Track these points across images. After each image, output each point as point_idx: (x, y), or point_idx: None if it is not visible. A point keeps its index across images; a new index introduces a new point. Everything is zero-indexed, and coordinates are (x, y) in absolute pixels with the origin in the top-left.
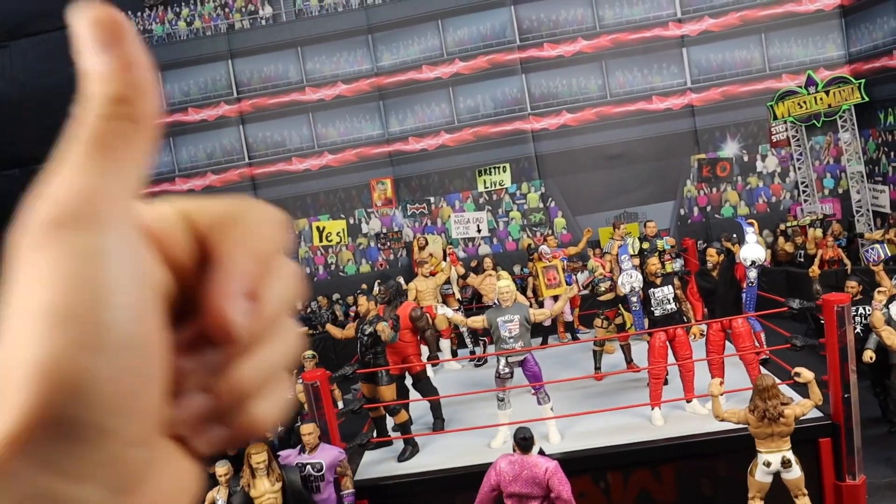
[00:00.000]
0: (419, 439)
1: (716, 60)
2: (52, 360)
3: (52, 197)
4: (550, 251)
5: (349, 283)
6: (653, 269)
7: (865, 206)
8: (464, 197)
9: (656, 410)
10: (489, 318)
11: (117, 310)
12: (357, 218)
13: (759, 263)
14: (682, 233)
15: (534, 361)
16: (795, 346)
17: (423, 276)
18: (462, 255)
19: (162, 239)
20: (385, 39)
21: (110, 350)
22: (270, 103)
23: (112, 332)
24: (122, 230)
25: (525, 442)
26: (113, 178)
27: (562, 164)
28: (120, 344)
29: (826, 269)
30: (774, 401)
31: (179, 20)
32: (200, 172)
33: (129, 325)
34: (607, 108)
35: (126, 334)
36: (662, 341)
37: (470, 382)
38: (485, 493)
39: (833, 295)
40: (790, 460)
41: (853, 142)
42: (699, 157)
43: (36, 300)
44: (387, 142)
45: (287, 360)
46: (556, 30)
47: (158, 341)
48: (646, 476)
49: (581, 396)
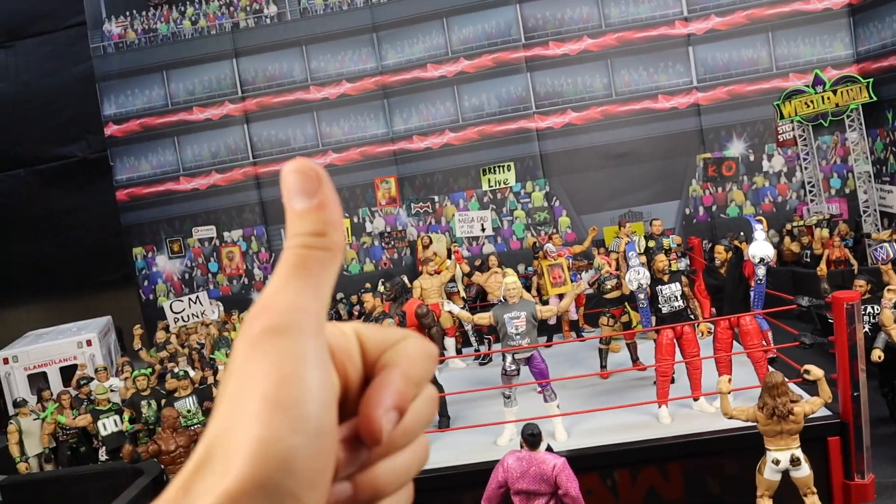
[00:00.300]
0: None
1: (722, 59)
2: (269, 439)
3: (268, 308)
4: (556, 249)
5: (353, 282)
6: (661, 266)
7: (873, 206)
8: (468, 196)
9: (663, 408)
10: (496, 314)
11: (315, 404)
12: (361, 217)
13: (768, 261)
14: (688, 232)
15: (540, 358)
16: (804, 344)
17: (427, 274)
18: (466, 255)
19: (337, 350)
20: (390, 38)
21: (310, 435)
22: (275, 102)
23: (311, 421)
24: (319, 340)
25: (533, 438)
26: (312, 296)
27: (566, 163)
28: (316, 431)
29: (832, 270)
30: (784, 398)
31: (184, 19)
32: (205, 171)
33: (322, 417)
34: (613, 106)
35: (319, 424)
36: (670, 339)
37: (475, 381)
38: (492, 489)
39: (843, 292)
40: (799, 458)
41: (860, 141)
42: (705, 157)
43: (258, 388)
44: (391, 140)
45: (416, 471)
46: (561, 28)
47: (335, 434)
48: (653, 474)
49: (587, 394)
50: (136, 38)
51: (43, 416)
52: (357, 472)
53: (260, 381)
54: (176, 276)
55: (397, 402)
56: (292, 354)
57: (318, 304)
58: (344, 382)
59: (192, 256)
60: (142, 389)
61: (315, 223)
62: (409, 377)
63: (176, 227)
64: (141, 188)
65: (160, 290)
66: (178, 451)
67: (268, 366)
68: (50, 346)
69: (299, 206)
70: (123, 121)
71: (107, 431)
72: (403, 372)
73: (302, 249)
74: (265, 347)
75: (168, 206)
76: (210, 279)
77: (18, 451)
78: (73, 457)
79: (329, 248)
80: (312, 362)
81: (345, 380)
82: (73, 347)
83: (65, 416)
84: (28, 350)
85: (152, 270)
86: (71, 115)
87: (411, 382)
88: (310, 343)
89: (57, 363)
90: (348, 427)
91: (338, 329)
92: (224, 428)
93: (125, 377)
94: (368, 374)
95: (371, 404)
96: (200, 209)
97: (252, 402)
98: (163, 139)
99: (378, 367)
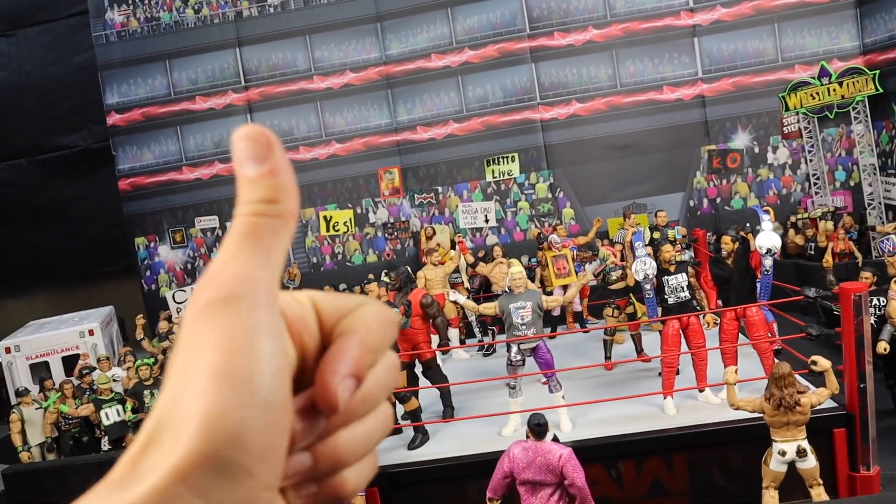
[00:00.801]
0: (429, 427)
1: (728, 50)
2: (217, 412)
3: (217, 278)
4: (560, 240)
5: (356, 273)
6: (667, 257)
7: (878, 198)
8: (472, 187)
9: (668, 399)
10: (501, 304)
11: (266, 376)
12: (364, 207)
13: (775, 252)
14: (692, 224)
15: (546, 348)
16: (810, 336)
17: (431, 264)
18: (469, 246)
19: (292, 319)
20: (394, 27)
21: (260, 407)
22: (278, 91)
23: (261, 393)
24: (271, 309)
25: (539, 428)
26: (264, 265)
27: (571, 154)
28: (267, 403)
29: (837, 262)
30: (791, 389)
31: (187, 8)
32: (207, 161)
33: (273, 389)
34: (617, 97)
35: (271, 396)
36: (676, 329)
37: (479, 371)
38: (498, 479)
39: (850, 284)
40: (805, 449)
41: (866, 134)
42: (709, 149)
43: (206, 360)
44: (395, 131)
45: (379, 439)
46: (566, 18)
47: (289, 405)
48: (658, 465)
49: (592, 385)
50: (139, 27)
51: (45, 406)
52: (316, 442)
53: (208, 352)
54: (178, 266)
55: (354, 369)
56: (242, 325)
57: (270, 273)
58: (301, 352)
59: (194, 246)
60: (144, 379)
61: (266, 189)
62: (367, 344)
63: (178, 216)
64: (143, 178)
65: (163, 279)
66: None
67: (216, 337)
68: (52, 336)
69: (250, 172)
70: (126, 110)
71: (109, 421)
72: (360, 339)
73: (252, 217)
74: (213, 318)
75: (171, 195)
76: None
77: (21, 441)
78: (76, 446)
79: (281, 216)
80: (264, 332)
81: (301, 349)
82: (75, 337)
83: (67, 405)
84: (30, 339)
85: (155, 260)
86: (73, 105)
87: (368, 349)
88: (260, 313)
89: (59, 353)
90: (304, 397)
91: (292, 297)
92: (172, 401)
93: (128, 367)
94: (326, 342)
95: (326, 372)
96: (203, 199)
97: (200, 375)
98: (165, 129)
99: (335, 334)
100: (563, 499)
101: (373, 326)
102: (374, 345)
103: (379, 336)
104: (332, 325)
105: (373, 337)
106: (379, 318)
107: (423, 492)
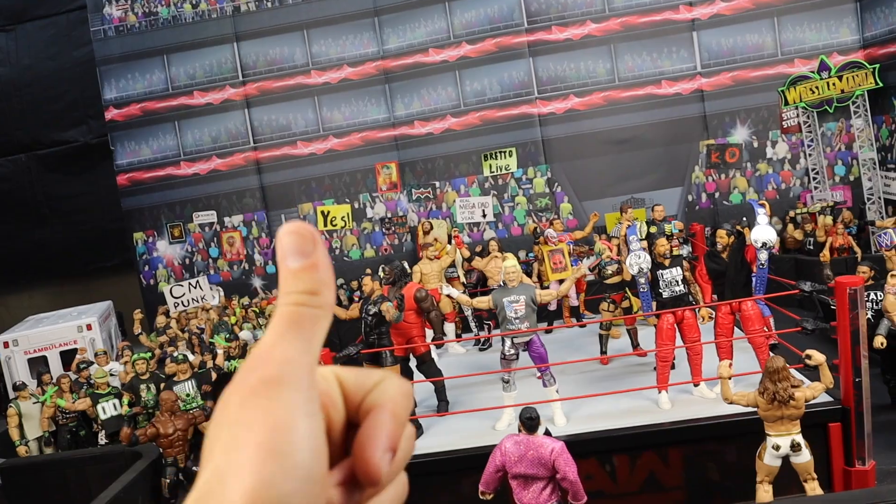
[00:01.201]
0: (423, 421)
1: (727, 44)
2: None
3: (264, 360)
4: (557, 235)
5: (353, 267)
6: (661, 251)
7: (877, 193)
8: (469, 181)
9: (663, 394)
10: (495, 298)
11: (307, 451)
12: (362, 202)
13: (771, 246)
14: (690, 219)
15: (539, 342)
16: (806, 330)
17: (427, 258)
18: (467, 240)
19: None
20: (391, 22)
21: (302, 481)
22: (276, 86)
23: (303, 468)
24: (311, 391)
25: (531, 422)
26: (306, 350)
27: (569, 149)
28: (308, 477)
29: (836, 257)
30: (785, 383)
31: (185, 2)
32: (205, 156)
33: (313, 464)
34: (616, 92)
35: (311, 471)
36: (670, 323)
37: (474, 366)
38: (490, 473)
39: (846, 277)
40: (800, 443)
41: (866, 128)
42: (708, 143)
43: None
44: (392, 126)
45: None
46: (564, 12)
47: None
48: (653, 459)
49: (587, 380)
50: (137, 22)
51: (43, 400)
52: None
53: (255, 429)
54: (176, 261)
55: (391, 443)
56: (285, 404)
57: (311, 357)
58: (328, 426)
59: (192, 241)
60: (141, 373)
61: (309, 282)
62: (397, 417)
63: (176, 211)
64: (141, 173)
65: (161, 274)
66: (177, 434)
67: (262, 415)
68: (50, 330)
69: (294, 265)
70: (124, 105)
71: (106, 415)
72: (391, 413)
73: (296, 307)
74: (260, 397)
75: (169, 190)
76: (210, 264)
77: (18, 435)
78: (73, 440)
79: (321, 307)
80: (304, 412)
81: (328, 423)
82: (73, 331)
83: (64, 399)
84: (28, 334)
85: (153, 255)
86: (72, 100)
87: (399, 422)
88: (302, 394)
89: (57, 347)
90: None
91: (320, 374)
92: (219, 474)
93: (125, 361)
94: (350, 416)
95: (369, 447)
96: (201, 194)
97: (246, 450)
98: (163, 123)
99: (363, 409)
100: (555, 492)
101: (398, 400)
102: (402, 418)
103: (404, 409)
104: (357, 400)
105: (400, 410)
106: (402, 392)
107: (417, 486)
